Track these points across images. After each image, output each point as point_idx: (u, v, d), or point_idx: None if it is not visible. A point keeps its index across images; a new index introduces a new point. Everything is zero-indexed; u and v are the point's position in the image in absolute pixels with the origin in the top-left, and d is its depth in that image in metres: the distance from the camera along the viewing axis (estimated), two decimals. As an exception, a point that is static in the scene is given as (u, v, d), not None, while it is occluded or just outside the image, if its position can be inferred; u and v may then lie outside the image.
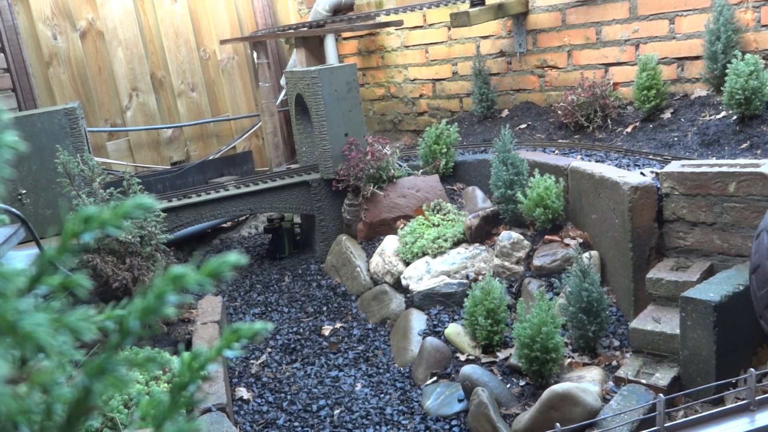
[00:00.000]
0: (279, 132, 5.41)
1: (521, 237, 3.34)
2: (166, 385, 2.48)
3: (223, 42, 5.50)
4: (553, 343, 2.61)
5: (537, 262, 3.23)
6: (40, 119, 3.40)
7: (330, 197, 4.18)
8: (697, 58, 3.66)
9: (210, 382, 2.57)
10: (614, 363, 2.73)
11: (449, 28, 4.88)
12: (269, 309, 3.87)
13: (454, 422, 2.73)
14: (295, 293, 3.98)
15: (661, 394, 1.86)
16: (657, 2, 3.76)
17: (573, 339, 2.82)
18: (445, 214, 3.73)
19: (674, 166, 2.88)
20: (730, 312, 2.38)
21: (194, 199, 3.97)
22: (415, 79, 5.30)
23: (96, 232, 0.52)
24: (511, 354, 2.90)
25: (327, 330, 3.59)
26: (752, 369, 1.79)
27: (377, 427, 2.83)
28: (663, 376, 2.51)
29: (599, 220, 3.14)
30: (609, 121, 3.80)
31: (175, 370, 2.53)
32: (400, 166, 4.17)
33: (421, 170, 4.18)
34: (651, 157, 3.31)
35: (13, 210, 2.39)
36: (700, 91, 3.64)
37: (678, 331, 2.51)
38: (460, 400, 2.78)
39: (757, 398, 1.80)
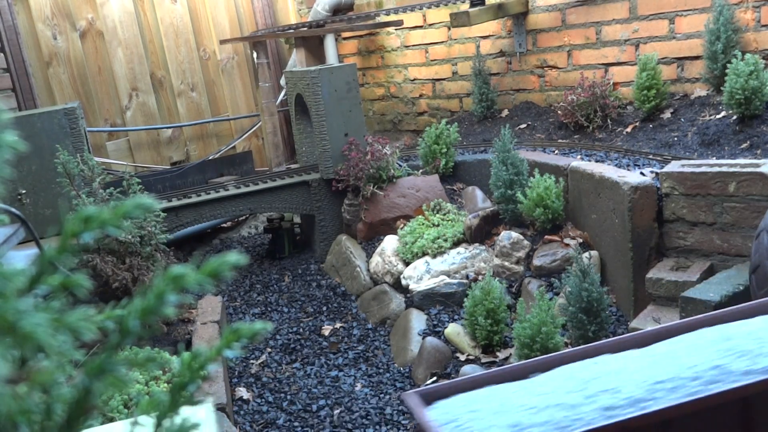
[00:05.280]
0: (279, 132, 5.40)
1: (521, 237, 3.34)
2: (166, 385, 2.48)
3: (223, 42, 5.50)
4: (553, 343, 2.61)
5: (537, 262, 3.23)
6: (40, 119, 3.40)
7: (330, 197, 4.18)
8: (697, 58, 3.66)
9: (210, 382, 2.57)
10: (614, 363, 2.73)
11: (449, 28, 4.87)
12: (269, 309, 3.87)
13: (454, 422, 2.73)
14: (295, 293, 3.98)
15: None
16: (657, 2, 3.76)
17: (573, 339, 2.82)
18: (445, 214, 3.73)
19: (674, 166, 2.88)
20: (730, 312, 2.38)
21: (194, 199, 3.97)
22: (415, 79, 5.30)
23: (96, 232, 0.52)
24: (511, 354, 2.90)
25: (327, 330, 3.59)
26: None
27: (377, 427, 2.83)
28: (663, 376, 2.51)
29: (599, 220, 3.14)
30: (609, 121, 3.80)
31: (175, 370, 2.53)
32: (400, 166, 4.17)
33: (421, 170, 4.18)
34: (651, 157, 3.31)
35: (13, 210, 2.39)
36: (700, 91, 3.64)
37: (678, 331, 2.51)
38: (460, 400, 2.78)
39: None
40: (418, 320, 3.29)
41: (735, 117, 3.18)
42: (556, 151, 3.76)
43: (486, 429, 1.09)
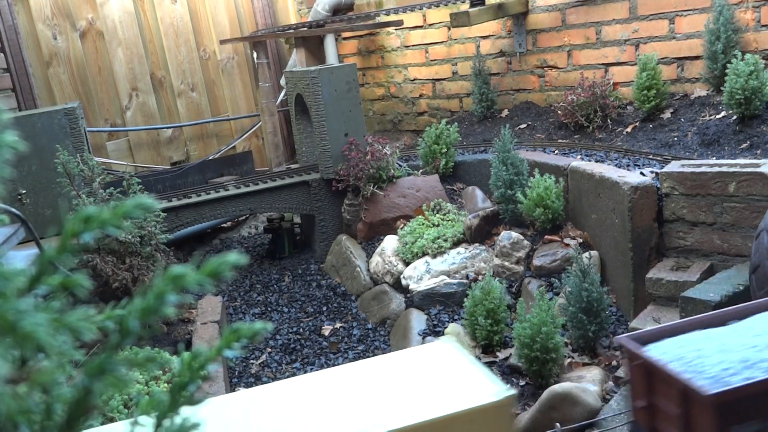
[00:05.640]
0: (279, 132, 5.40)
1: (521, 237, 3.34)
2: (166, 385, 2.48)
3: (223, 42, 5.50)
4: (553, 343, 2.61)
5: (537, 262, 3.23)
6: (40, 119, 3.40)
7: (330, 197, 4.18)
8: (697, 58, 3.66)
9: (210, 382, 2.57)
10: (614, 363, 2.73)
11: (449, 28, 4.87)
12: (269, 309, 3.87)
13: (454, 422, 2.73)
14: (295, 293, 3.98)
15: (661, 394, 1.86)
16: (657, 2, 3.76)
17: (573, 339, 2.82)
18: (445, 214, 3.73)
19: (674, 166, 2.88)
20: (730, 312, 2.39)
21: (194, 199, 3.97)
22: (415, 79, 5.30)
23: (96, 232, 0.52)
24: (511, 354, 2.90)
25: (327, 330, 3.59)
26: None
27: (377, 427, 2.82)
28: (663, 376, 2.51)
29: (599, 220, 3.14)
30: (609, 121, 3.80)
31: (175, 370, 2.53)
32: (400, 166, 4.17)
33: (421, 170, 4.18)
34: (651, 157, 3.31)
35: (13, 210, 2.40)
36: (700, 91, 3.64)
37: (678, 331, 2.51)
38: (460, 400, 2.78)
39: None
40: (418, 320, 3.29)
41: (735, 117, 3.18)
42: (556, 151, 3.76)
43: (717, 364, 1.25)
